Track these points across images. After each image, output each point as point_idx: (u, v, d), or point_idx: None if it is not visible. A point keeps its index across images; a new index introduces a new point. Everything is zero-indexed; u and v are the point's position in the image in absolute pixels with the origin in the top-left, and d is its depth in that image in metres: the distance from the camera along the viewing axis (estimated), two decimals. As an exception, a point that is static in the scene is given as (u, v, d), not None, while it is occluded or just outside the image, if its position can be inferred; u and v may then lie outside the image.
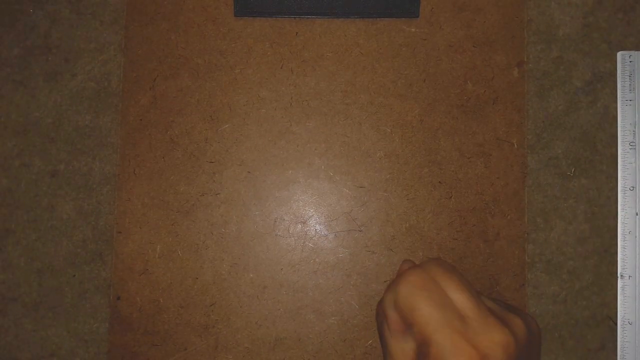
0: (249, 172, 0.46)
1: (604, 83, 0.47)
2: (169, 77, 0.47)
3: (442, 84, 0.47)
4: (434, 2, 0.47)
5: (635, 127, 0.46)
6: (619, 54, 0.47)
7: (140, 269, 0.46)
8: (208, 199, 0.46)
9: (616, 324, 0.45)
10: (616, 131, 0.46)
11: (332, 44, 0.47)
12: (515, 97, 0.47)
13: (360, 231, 0.46)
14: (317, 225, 0.46)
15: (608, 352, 0.45)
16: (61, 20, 0.48)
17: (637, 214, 0.45)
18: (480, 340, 0.29)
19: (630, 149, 0.46)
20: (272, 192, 0.46)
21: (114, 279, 0.46)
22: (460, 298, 0.30)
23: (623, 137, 0.46)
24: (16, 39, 0.47)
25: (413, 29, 0.47)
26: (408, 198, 0.46)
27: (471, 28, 0.47)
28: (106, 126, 0.47)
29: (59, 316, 0.46)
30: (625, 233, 0.46)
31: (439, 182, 0.46)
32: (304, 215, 0.46)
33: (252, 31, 0.47)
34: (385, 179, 0.46)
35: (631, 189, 0.46)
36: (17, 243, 0.46)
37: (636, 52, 0.47)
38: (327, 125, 0.47)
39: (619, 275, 0.45)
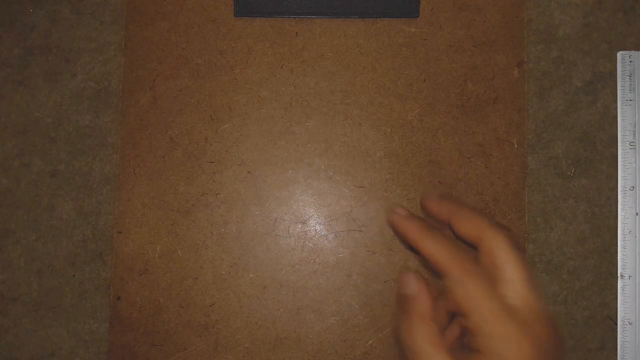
0: (249, 172, 0.46)
1: (604, 83, 0.47)
2: (169, 77, 0.47)
3: (442, 84, 0.47)
4: (434, 2, 0.47)
5: (635, 127, 0.46)
6: (619, 54, 0.47)
7: (140, 269, 0.46)
8: (208, 199, 0.46)
9: (616, 324, 0.45)
10: (616, 131, 0.46)
11: (332, 44, 0.47)
12: (515, 97, 0.47)
13: (360, 231, 0.46)
14: (317, 225, 0.46)
15: (608, 352, 0.45)
16: (61, 20, 0.48)
17: (637, 214, 0.45)
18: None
19: (630, 149, 0.46)
20: (272, 192, 0.46)
21: (114, 279, 0.46)
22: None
23: (623, 137, 0.46)
24: (16, 39, 0.47)
25: (413, 29, 0.47)
26: (408, 198, 0.46)
27: (471, 28, 0.47)
28: (106, 126, 0.47)
29: (59, 316, 0.46)
30: (625, 233, 0.46)
31: (439, 182, 0.46)
32: (304, 215, 0.46)
33: (252, 31, 0.47)
34: (385, 179, 0.46)
35: (631, 189, 0.46)
36: (17, 243, 0.46)
37: (636, 52, 0.47)
38: (327, 125, 0.47)
39: (619, 275, 0.45)
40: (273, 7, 0.47)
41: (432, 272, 0.35)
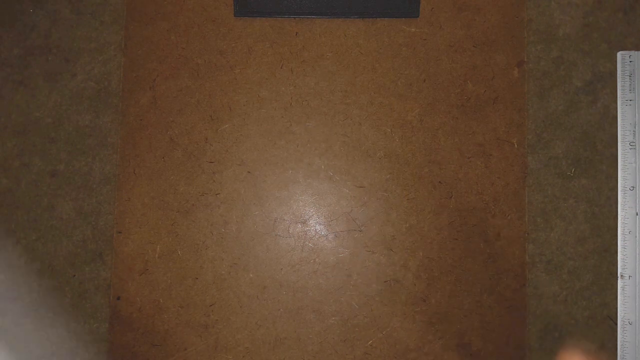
0: (249, 172, 0.46)
1: (604, 83, 0.47)
2: (169, 77, 0.47)
3: (442, 84, 0.47)
4: (434, 2, 0.47)
5: (635, 127, 0.46)
6: (619, 54, 0.47)
7: (140, 269, 0.46)
8: (208, 199, 0.46)
9: (616, 324, 0.45)
10: (616, 131, 0.46)
11: (332, 44, 0.47)
12: (515, 97, 0.47)
13: (360, 231, 0.46)
14: (317, 225, 0.46)
15: (608, 352, 0.45)
16: (61, 20, 0.48)
17: (637, 214, 0.45)
18: None
19: (630, 149, 0.46)
20: (272, 192, 0.46)
21: (114, 279, 0.46)
22: None
23: (623, 137, 0.46)
24: (16, 39, 0.47)
25: (413, 29, 0.47)
26: (408, 198, 0.46)
27: (471, 28, 0.47)
28: (106, 126, 0.47)
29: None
30: (625, 233, 0.46)
31: (439, 182, 0.46)
32: (304, 215, 0.46)
33: (252, 31, 0.47)
34: (385, 179, 0.46)
35: (631, 189, 0.46)
36: (17, 243, 0.46)
37: (636, 52, 0.47)
38: (327, 125, 0.47)
39: (619, 275, 0.45)
40: (273, 7, 0.47)
41: None
